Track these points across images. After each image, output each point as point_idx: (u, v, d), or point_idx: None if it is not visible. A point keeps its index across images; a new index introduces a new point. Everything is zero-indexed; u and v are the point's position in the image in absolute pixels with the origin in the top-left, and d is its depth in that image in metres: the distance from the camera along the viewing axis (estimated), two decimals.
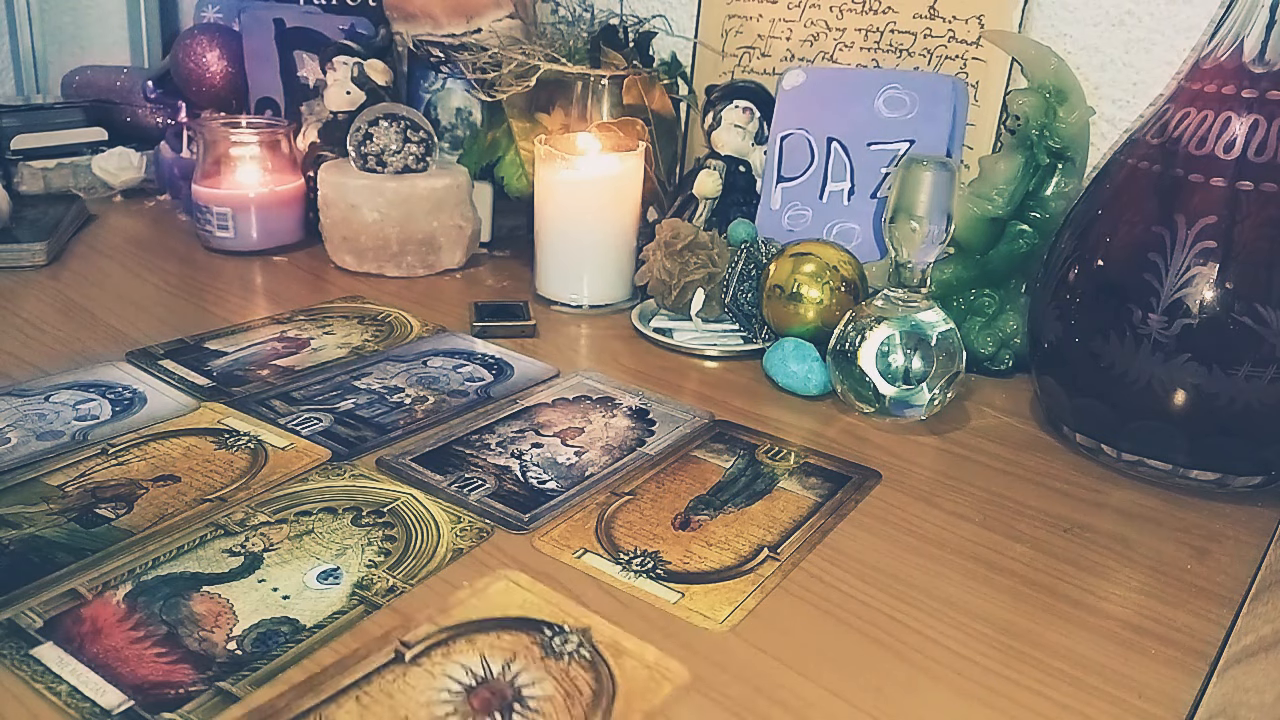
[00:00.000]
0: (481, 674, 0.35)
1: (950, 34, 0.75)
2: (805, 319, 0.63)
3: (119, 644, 0.36)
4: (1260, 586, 0.43)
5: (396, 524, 0.44)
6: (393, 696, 0.34)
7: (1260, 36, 0.48)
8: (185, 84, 0.96)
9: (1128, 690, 0.36)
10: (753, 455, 0.52)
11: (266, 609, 0.38)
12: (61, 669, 0.34)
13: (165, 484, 0.47)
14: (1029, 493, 0.51)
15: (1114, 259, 0.51)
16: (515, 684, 0.35)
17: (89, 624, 0.37)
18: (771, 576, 0.42)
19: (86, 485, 0.46)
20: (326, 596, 0.39)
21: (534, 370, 0.62)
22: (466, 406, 0.57)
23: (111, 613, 0.37)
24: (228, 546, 0.42)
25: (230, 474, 0.48)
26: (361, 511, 0.45)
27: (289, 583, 0.40)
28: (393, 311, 0.72)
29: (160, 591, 0.39)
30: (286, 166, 0.86)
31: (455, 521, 0.44)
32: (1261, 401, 0.47)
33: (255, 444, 0.51)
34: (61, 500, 0.45)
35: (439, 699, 0.34)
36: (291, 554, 0.42)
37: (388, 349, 0.64)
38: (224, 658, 0.35)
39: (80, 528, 0.43)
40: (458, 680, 0.35)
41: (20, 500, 0.45)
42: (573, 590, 0.40)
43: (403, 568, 0.41)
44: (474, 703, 0.34)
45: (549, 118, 0.82)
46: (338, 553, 0.42)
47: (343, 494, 0.46)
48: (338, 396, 0.57)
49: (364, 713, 0.33)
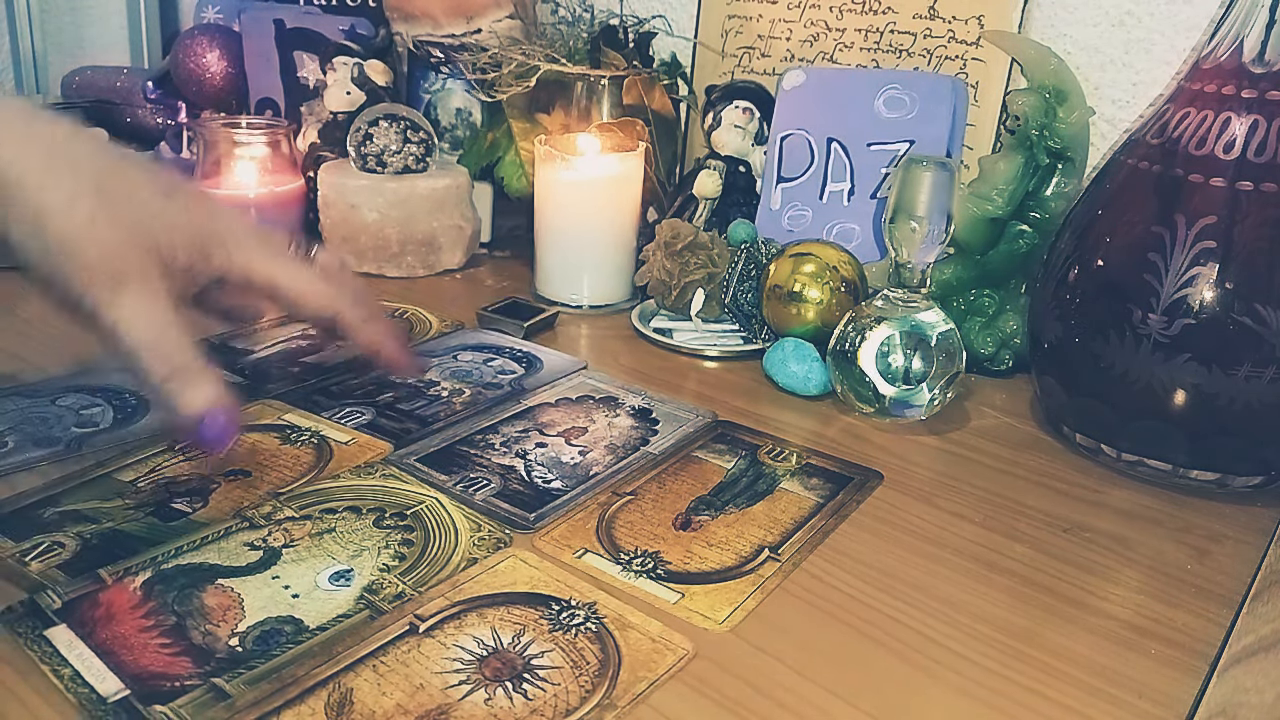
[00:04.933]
0: (492, 645, 0.36)
1: (950, 34, 0.75)
2: (805, 319, 0.63)
3: (128, 631, 0.36)
4: (1260, 586, 0.43)
5: (417, 528, 0.44)
6: (408, 665, 0.35)
7: (1260, 36, 0.48)
8: (185, 84, 0.96)
9: (1128, 690, 0.36)
10: (754, 456, 0.52)
11: (275, 606, 0.38)
12: (69, 652, 0.35)
13: (236, 479, 0.47)
14: (1029, 493, 0.51)
15: (1114, 259, 0.51)
16: (525, 654, 0.36)
17: (104, 609, 0.37)
18: (772, 577, 0.42)
19: (158, 480, 0.47)
20: (335, 598, 0.39)
21: (562, 363, 0.63)
22: (502, 399, 0.57)
23: (127, 599, 0.38)
24: (250, 540, 0.42)
25: (298, 468, 0.48)
26: (385, 513, 0.45)
27: (301, 581, 0.40)
28: (408, 309, 0.72)
29: (177, 581, 0.39)
30: (286, 167, 0.86)
31: (475, 530, 0.44)
32: (1261, 401, 0.47)
33: (319, 439, 0.51)
34: (136, 495, 0.45)
35: (452, 668, 0.35)
36: (309, 552, 0.42)
37: (417, 344, 0.65)
38: (223, 653, 0.35)
39: (159, 521, 0.43)
40: (469, 650, 0.36)
41: (96, 495, 0.45)
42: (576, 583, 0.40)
43: (415, 573, 0.41)
44: (485, 671, 0.35)
45: (549, 118, 0.82)
46: (354, 554, 0.42)
47: (369, 494, 0.46)
48: (375, 390, 0.58)
49: (381, 680, 0.34)
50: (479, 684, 0.34)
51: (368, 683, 0.34)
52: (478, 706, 0.33)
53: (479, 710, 0.33)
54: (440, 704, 0.33)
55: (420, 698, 0.34)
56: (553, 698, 0.34)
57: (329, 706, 0.33)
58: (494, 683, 0.35)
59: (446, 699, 0.34)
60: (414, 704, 0.33)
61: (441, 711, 0.33)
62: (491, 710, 0.33)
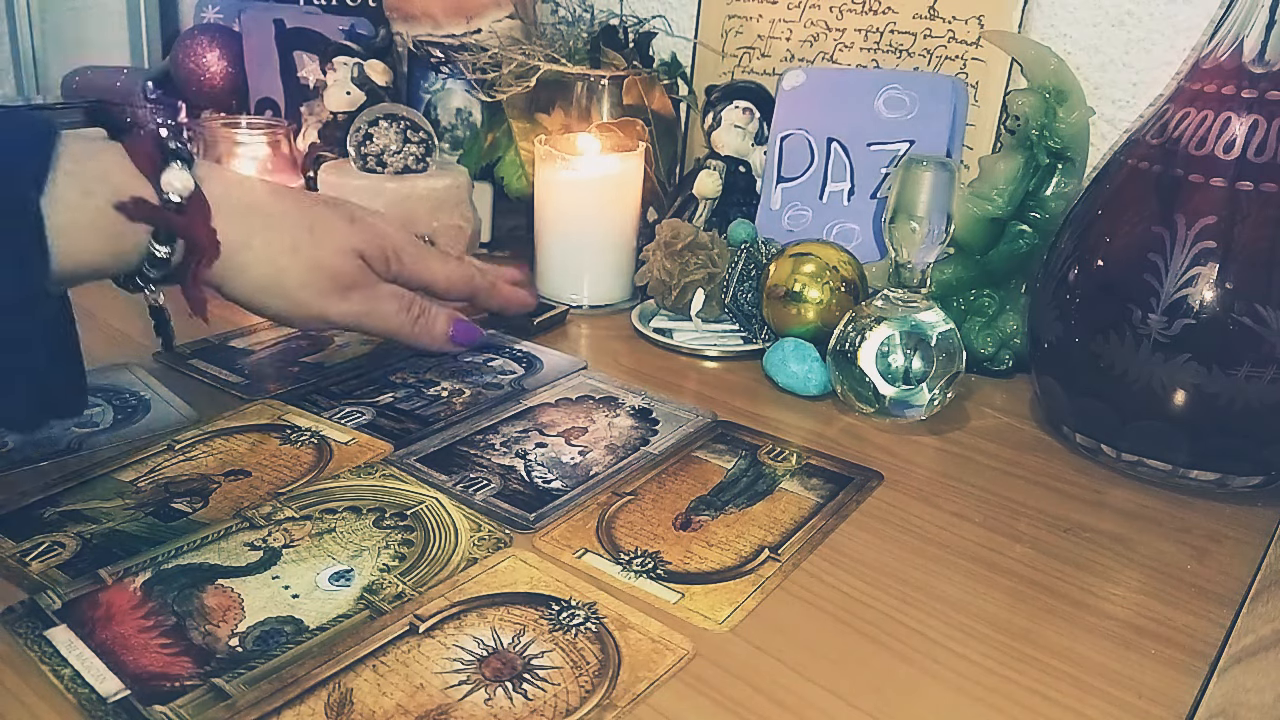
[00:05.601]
0: (492, 645, 0.36)
1: (950, 34, 0.75)
2: (805, 319, 0.63)
3: (128, 631, 0.36)
4: (1260, 586, 0.43)
5: (417, 528, 0.44)
6: (408, 665, 0.35)
7: (1260, 37, 0.48)
8: (185, 84, 0.96)
9: (1128, 690, 0.36)
10: (754, 456, 0.52)
11: (275, 607, 0.38)
12: (69, 653, 0.35)
13: (236, 479, 0.47)
14: (1029, 493, 0.51)
15: (1114, 259, 0.51)
16: (525, 654, 0.36)
17: (104, 609, 0.37)
18: (772, 577, 0.42)
19: (159, 480, 0.47)
20: (334, 599, 0.39)
21: (563, 363, 0.63)
22: (503, 399, 0.57)
23: (127, 599, 0.38)
24: (250, 540, 0.42)
25: (298, 468, 0.48)
26: (385, 513, 0.45)
27: (301, 581, 0.40)
28: None
29: (177, 581, 0.39)
30: (286, 167, 0.86)
31: (475, 530, 0.44)
32: (1261, 401, 0.47)
33: (319, 439, 0.51)
34: (136, 495, 0.45)
35: (452, 668, 0.35)
36: (310, 552, 0.42)
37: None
38: (224, 653, 0.35)
39: (159, 521, 0.43)
40: (469, 651, 0.36)
41: (96, 495, 0.45)
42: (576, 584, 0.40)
43: (414, 574, 0.41)
44: (485, 671, 0.35)
45: (549, 118, 0.82)
46: (354, 554, 0.42)
47: (369, 494, 0.46)
48: (375, 390, 0.58)
49: (381, 680, 0.34)
50: (479, 684, 0.34)
51: (368, 683, 0.34)
52: (478, 706, 0.33)
53: (479, 710, 0.33)
54: (440, 704, 0.33)
55: (420, 698, 0.34)
56: (553, 698, 0.34)
57: (329, 706, 0.33)
58: (494, 683, 0.35)
59: (446, 699, 0.34)
60: (414, 704, 0.33)
61: (442, 711, 0.33)
62: (492, 710, 0.33)
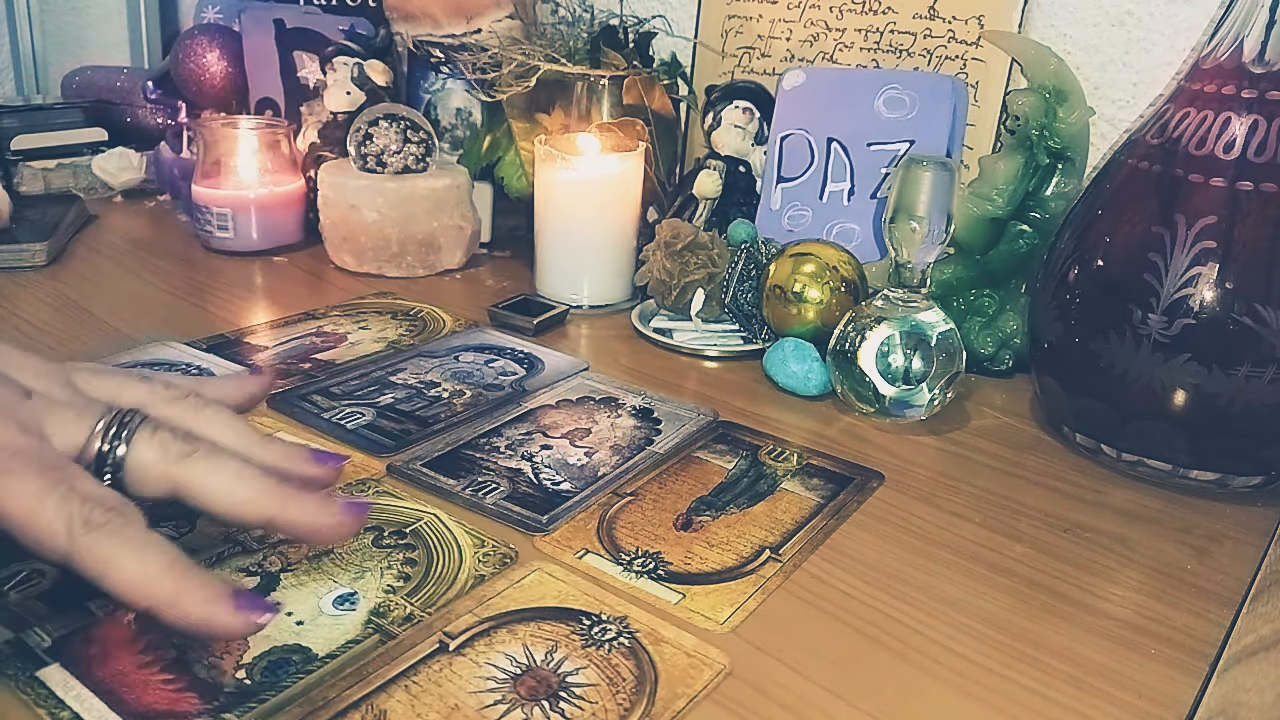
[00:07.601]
0: (526, 662, 0.36)
1: (950, 34, 0.75)
2: (805, 319, 0.63)
3: (126, 668, 0.34)
4: (1260, 586, 0.43)
5: (418, 546, 0.43)
6: (441, 685, 0.34)
7: (1260, 37, 0.48)
8: (185, 84, 0.96)
9: (1128, 690, 0.36)
10: (755, 456, 0.52)
11: (279, 635, 0.36)
12: (65, 693, 0.33)
13: None
14: (1029, 493, 0.51)
15: (1114, 259, 0.51)
16: (559, 672, 0.35)
17: (98, 645, 0.35)
18: (773, 578, 0.42)
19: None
20: (341, 624, 0.37)
21: (564, 364, 0.63)
22: (503, 400, 0.57)
23: (122, 634, 0.36)
24: (244, 565, 0.40)
25: None
26: (383, 531, 0.44)
27: (304, 607, 0.38)
28: (424, 307, 0.72)
29: None
30: (286, 167, 0.86)
31: (479, 545, 0.43)
32: (1261, 401, 0.47)
33: None
34: None
35: (486, 687, 0.34)
36: (309, 575, 0.40)
37: (420, 345, 0.65)
38: (231, 687, 0.34)
39: None
40: (503, 669, 0.35)
41: None
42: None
43: (421, 594, 0.39)
44: (521, 690, 0.34)
45: (549, 118, 0.82)
46: (356, 576, 0.40)
47: None
48: (376, 391, 0.58)
49: (414, 702, 0.33)
50: (515, 703, 0.33)
51: (401, 704, 0.33)
52: None
53: None
54: None
55: (456, 719, 0.33)
56: (590, 717, 0.33)
57: None
58: (531, 702, 0.33)
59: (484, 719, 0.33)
60: None
61: None
62: None
